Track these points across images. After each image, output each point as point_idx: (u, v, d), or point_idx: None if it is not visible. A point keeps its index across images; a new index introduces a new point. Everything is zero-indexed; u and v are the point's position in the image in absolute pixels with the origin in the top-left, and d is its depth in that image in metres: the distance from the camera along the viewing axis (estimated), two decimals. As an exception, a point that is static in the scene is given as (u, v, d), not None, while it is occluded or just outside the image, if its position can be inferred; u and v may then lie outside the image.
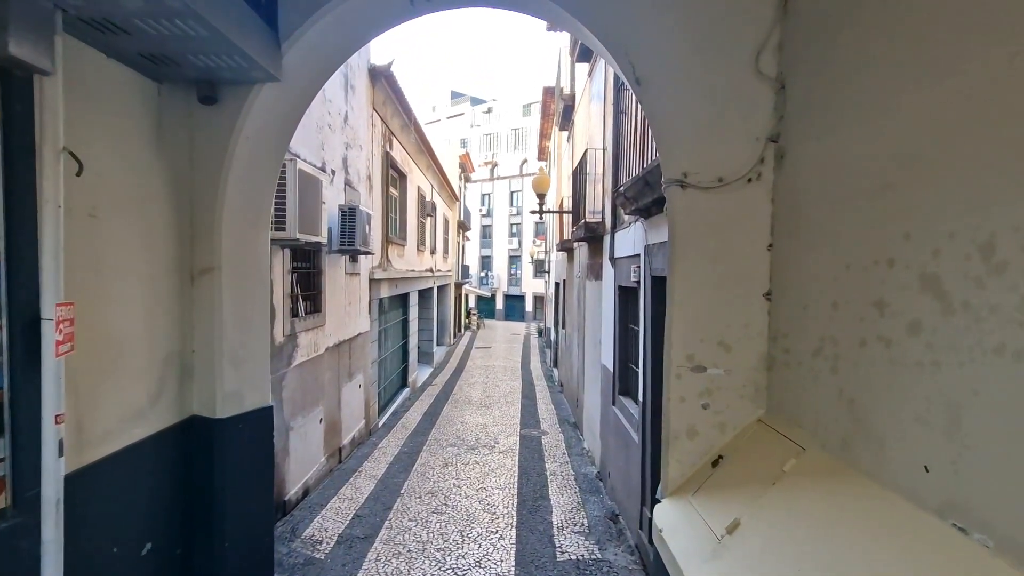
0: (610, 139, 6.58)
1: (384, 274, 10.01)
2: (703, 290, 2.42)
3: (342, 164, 7.48)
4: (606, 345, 6.83)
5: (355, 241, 6.82)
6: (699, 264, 2.43)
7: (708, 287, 2.42)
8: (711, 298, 2.42)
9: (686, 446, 2.47)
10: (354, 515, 5.62)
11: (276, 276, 5.35)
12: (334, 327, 7.18)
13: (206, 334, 3.76)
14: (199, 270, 3.75)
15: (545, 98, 17.89)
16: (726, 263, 2.40)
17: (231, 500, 3.88)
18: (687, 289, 2.43)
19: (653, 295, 4.49)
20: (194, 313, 3.76)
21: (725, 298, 2.41)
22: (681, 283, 2.44)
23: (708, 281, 2.42)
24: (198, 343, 3.78)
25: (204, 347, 3.76)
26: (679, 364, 2.46)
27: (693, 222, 2.42)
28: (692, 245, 2.42)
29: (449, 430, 9.33)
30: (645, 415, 4.72)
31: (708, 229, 2.41)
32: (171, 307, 3.58)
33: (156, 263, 3.43)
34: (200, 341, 3.77)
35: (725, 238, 2.40)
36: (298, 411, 5.98)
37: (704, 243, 2.41)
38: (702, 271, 2.42)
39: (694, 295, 2.43)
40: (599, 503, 6.17)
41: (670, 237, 2.47)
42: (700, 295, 2.43)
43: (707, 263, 2.42)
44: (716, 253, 2.41)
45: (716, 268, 2.41)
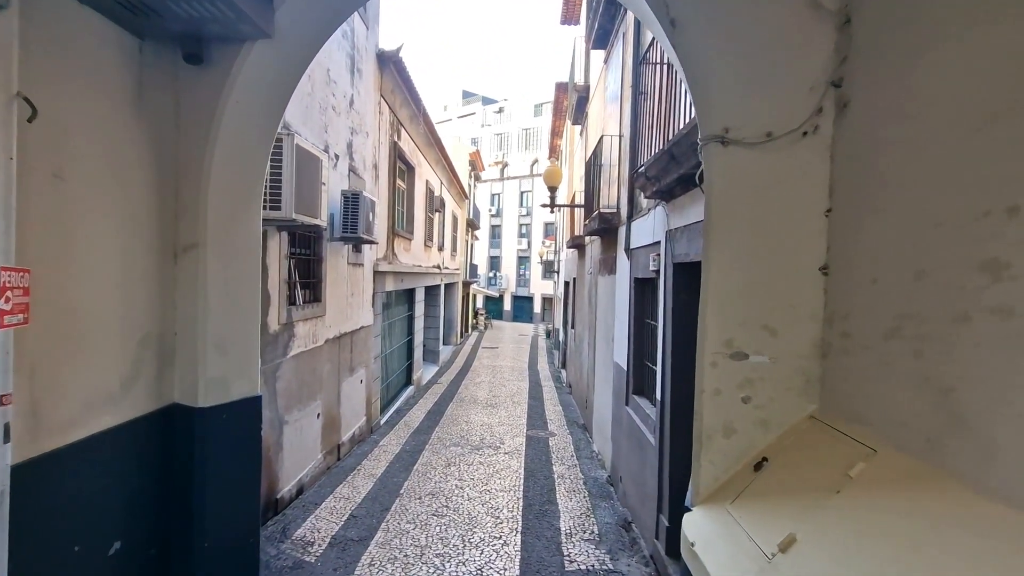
0: (627, 124, 6.24)
1: (389, 267, 9.71)
2: (745, 264, 2.08)
3: (346, 149, 7.19)
4: (619, 342, 6.47)
5: (358, 228, 6.52)
6: (741, 234, 2.08)
7: (751, 261, 2.08)
8: (754, 274, 2.08)
9: (722, 446, 2.13)
10: (349, 515, 5.30)
11: (272, 260, 5.06)
12: (335, 318, 6.88)
13: (189, 316, 3.47)
14: (183, 246, 3.46)
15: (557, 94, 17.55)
16: (773, 233, 2.06)
17: (213, 497, 3.57)
18: (726, 263, 2.09)
19: (675, 284, 4.14)
20: (176, 292, 3.46)
21: (771, 274, 2.06)
22: (719, 257, 2.10)
23: (751, 254, 2.08)
24: (180, 325, 3.48)
25: (187, 330, 3.47)
26: (715, 351, 2.11)
27: (735, 185, 2.08)
28: (733, 212, 2.08)
29: (453, 429, 9.00)
30: (663, 415, 4.36)
31: (752, 193, 2.07)
32: (150, 284, 3.28)
33: (134, 236, 3.13)
34: (183, 323, 3.47)
35: (773, 203, 2.05)
36: (294, 404, 5.68)
37: (747, 209, 2.07)
38: (744, 242, 2.08)
39: (734, 270, 2.09)
40: (610, 509, 5.81)
41: (707, 205, 2.13)
42: (741, 270, 2.08)
43: (750, 233, 2.08)
44: (761, 221, 2.07)
45: (761, 239, 2.07)
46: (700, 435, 2.15)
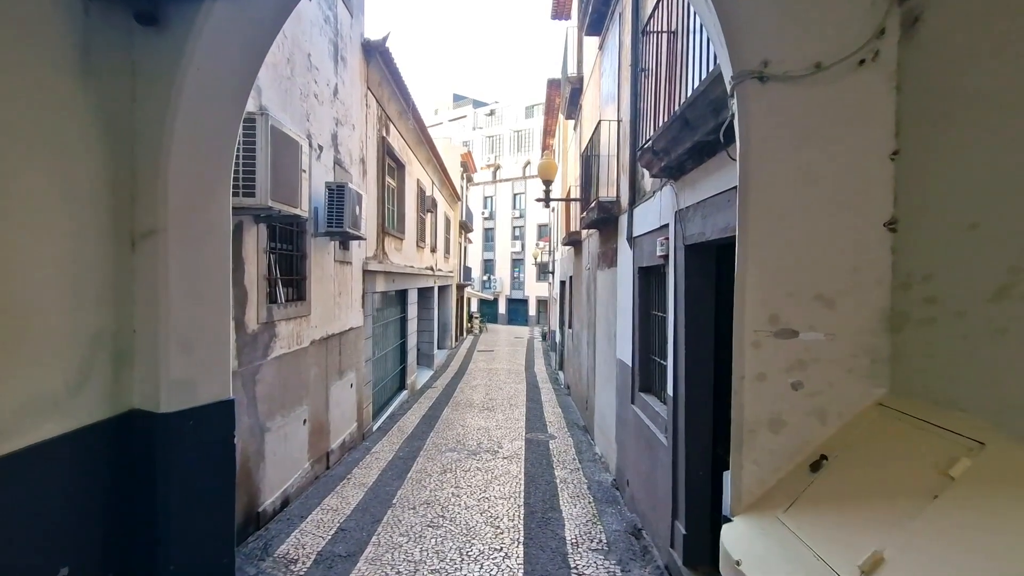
0: (626, 108, 5.91)
1: (380, 266, 9.34)
2: (792, 224, 1.74)
3: (331, 141, 6.82)
4: (623, 338, 6.12)
5: (344, 222, 6.15)
6: (786, 188, 1.74)
7: (800, 219, 1.73)
8: (804, 234, 1.73)
9: (768, 442, 1.78)
10: (338, 529, 4.90)
11: (248, 253, 4.68)
12: (321, 319, 6.50)
13: (149, 310, 3.08)
14: (141, 232, 3.07)
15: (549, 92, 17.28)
16: (825, 183, 1.72)
17: (179, 514, 3.18)
18: (769, 224, 1.75)
19: (687, 268, 3.79)
20: (135, 284, 3.08)
21: (826, 233, 1.72)
22: (761, 217, 1.75)
23: (800, 210, 1.73)
24: (139, 321, 3.09)
25: (147, 326, 3.08)
26: (757, 328, 1.77)
27: (777, 130, 1.73)
28: (776, 163, 1.74)
29: (449, 434, 8.61)
30: (676, 412, 4.01)
31: (799, 138, 1.72)
32: (103, 275, 2.90)
33: (83, 219, 2.75)
34: (142, 319, 3.09)
35: (825, 148, 1.71)
36: (277, 410, 5.28)
37: (793, 157, 1.73)
38: (791, 197, 1.74)
39: (780, 232, 1.74)
40: (617, 515, 5.44)
41: (742, 157, 1.79)
42: (788, 231, 1.74)
43: (797, 185, 1.73)
44: (810, 170, 1.72)
45: (810, 191, 1.72)
46: (741, 430, 1.80)
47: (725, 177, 2.99)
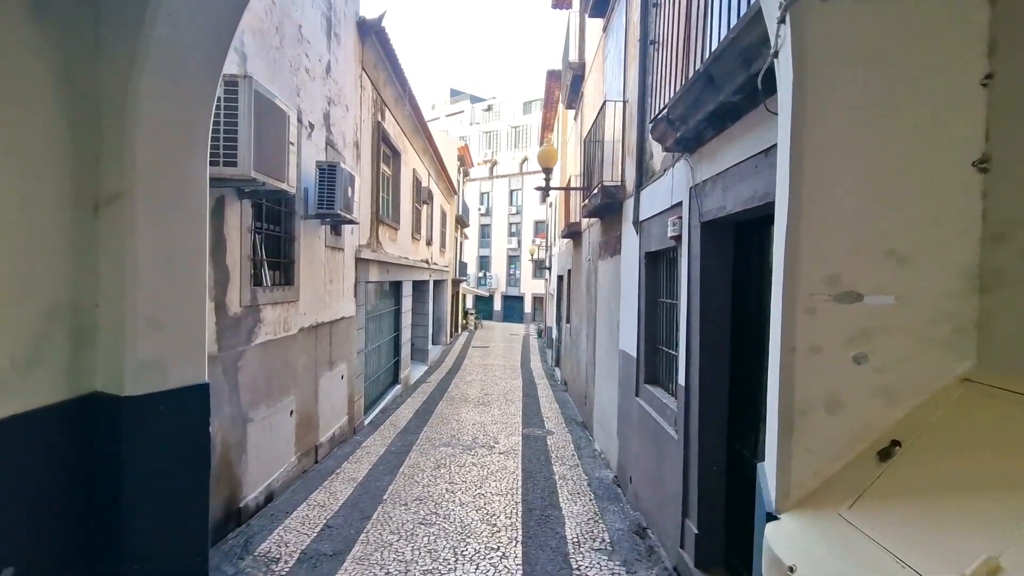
0: (633, 87, 5.64)
1: (373, 255, 9.03)
2: (858, 166, 1.46)
3: (323, 120, 6.51)
4: (627, 328, 5.85)
5: (335, 204, 5.84)
6: (850, 124, 1.46)
7: (867, 160, 1.46)
8: (874, 178, 1.46)
9: (824, 427, 1.50)
10: (324, 526, 4.61)
11: (231, 231, 4.37)
12: (310, 306, 6.19)
13: (113, 283, 2.77)
14: (105, 196, 2.76)
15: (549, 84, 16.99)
16: (900, 117, 1.44)
17: (146, 508, 2.88)
18: (830, 167, 1.47)
19: (704, 247, 3.52)
20: (98, 254, 2.77)
21: (899, 175, 1.45)
22: (819, 160, 1.47)
23: (867, 150, 1.46)
24: (103, 295, 2.78)
25: (110, 301, 2.77)
26: (813, 291, 1.49)
27: (841, 54, 1.45)
28: (838, 93, 1.46)
29: (443, 429, 8.32)
30: (688, 404, 3.74)
31: (868, 62, 1.45)
32: (61, 243, 2.59)
33: (36, 181, 2.44)
34: (106, 292, 2.78)
35: (899, 74, 1.43)
36: (261, 399, 4.98)
37: (860, 87, 1.45)
38: (856, 135, 1.46)
39: (842, 176, 1.47)
40: (620, 513, 5.17)
41: (796, 89, 1.51)
42: (853, 174, 1.46)
43: (865, 120, 1.45)
44: (882, 102, 1.45)
45: (882, 127, 1.45)
46: (790, 412, 1.52)
47: (752, 141, 2.72)
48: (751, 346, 3.33)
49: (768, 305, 3.15)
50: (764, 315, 3.16)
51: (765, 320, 3.15)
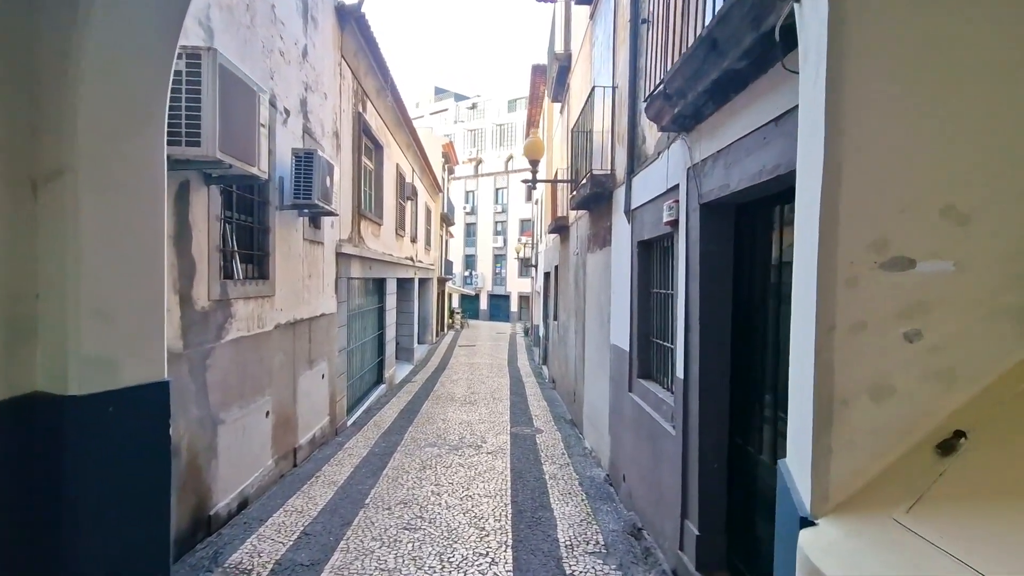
0: (623, 72, 5.43)
1: (355, 251, 8.73)
2: (904, 109, 1.24)
3: (299, 106, 6.21)
4: (618, 321, 5.65)
5: (312, 194, 5.55)
6: (900, 63, 1.25)
7: (916, 101, 1.24)
8: (924, 122, 1.24)
9: (869, 416, 1.29)
10: (301, 533, 4.33)
11: (197, 219, 4.07)
12: (287, 301, 5.89)
13: (55, 270, 2.47)
14: (45, 173, 2.46)
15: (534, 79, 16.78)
16: (959, 51, 1.23)
17: (95, 519, 2.59)
18: (877, 114, 1.26)
19: (703, 231, 3.31)
20: (37, 238, 2.48)
21: (958, 120, 1.23)
22: (863, 106, 1.26)
23: (915, 89, 1.24)
24: (44, 284, 2.48)
25: (52, 290, 2.48)
26: (854, 259, 1.27)
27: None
28: (885, 28, 1.25)
29: (429, 428, 8.06)
30: (687, 398, 3.53)
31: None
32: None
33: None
34: (47, 281, 2.48)
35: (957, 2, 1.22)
36: (233, 400, 4.68)
37: (906, 16, 1.23)
38: (902, 72, 1.25)
39: (891, 123, 1.25)
40: (613, 513, 4.96)
41: (832, 23, 1.28)
42: (898, 120, 1.25)
43: (917, 57, 1.24)
44: (933, 32, 1.23)
45: (937, 63, 1.23)
46: (828, 401, 1.30)
47: (760, 110, 2.51)
48: (755, 335, 3.13)
49: (777, 289, 2.95)
50: (770, 301, 2.96)
51: (771, 306, 2.95)
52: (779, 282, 2.85)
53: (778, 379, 2.82)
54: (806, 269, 1.41)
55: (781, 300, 2.83)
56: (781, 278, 2.83)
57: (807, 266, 1.40)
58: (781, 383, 2.80)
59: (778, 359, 2.83)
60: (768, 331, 2.97)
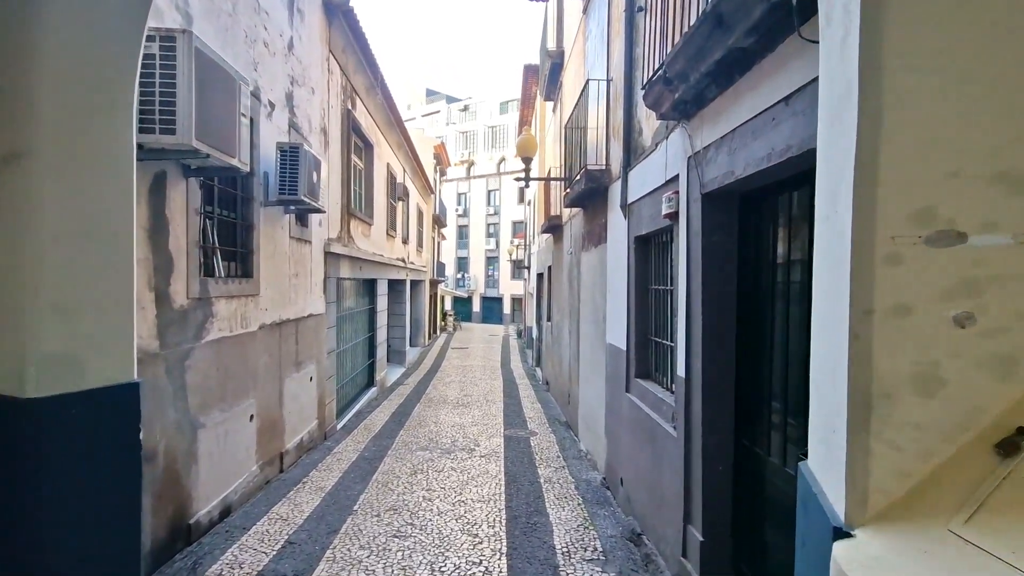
0: (618, 64, 5.29)
1: (345, 250, 8.53)
2: (953, 61, 1.10)
3: (285, 100, 6.02)
4: (615, 320, 5.50)
5: (298, 189, 5.37)
6: (939, 7, 1.10)
7: (966, 52, 1.09)
8: (974, 75, 1.10)
9: (914, 412, 1.13)
10: (286, 542, 4.13)
11: (174, 213, 3.88)
12: (273, 301, 5.70)
13: (11, 261, 2.30)
14: (2, 155, 2.30)
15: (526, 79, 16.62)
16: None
17: (58, 535, 2.40)
18: (919, 67, 1.10)
19: (704, 223, 3.16)
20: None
21: (1012, 73, 1.08)
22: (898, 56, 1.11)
23: (965, 38, 1.09)
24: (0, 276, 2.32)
25: (8, 282, 2.30)
26: (895, 233, 1.12)
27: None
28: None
29: (421, 432, 7.86)
30: (690, 398, 3.38)
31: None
32: (-60, 211, 2.12)
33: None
34: (3, 272, 2.32)
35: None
36: (215, 403, 4.48)
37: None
38: (949, 21, 1.10)
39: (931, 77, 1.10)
40: (611, 518, 4.80)
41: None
42: (944, 73, 1.10)
43: (964, 3, 1.09)
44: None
45: (984, 5, 1.08)
46: (865, 396, 1.15)
47: (768, 91, 2.37)
48: (763, 329, 2.98)
49: (786, 280, 2.80)
50: (777, 294, 2.81)
51: (779, 299, 2.80)
52: (788, 273, 2.71)
53: (789, 376, 2.68)
54: (834, 247, 1.26)
55: (790, 291, 2.68)
56: (790, 269, 2.69)
57: (836, 244, 1.25)
58: (793, 381, 2.65)
59: (787, 355, 2.69)
60: (777, 325, 2.83)
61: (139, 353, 3.51)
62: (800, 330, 2.55)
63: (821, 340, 1.39)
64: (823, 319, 1.36)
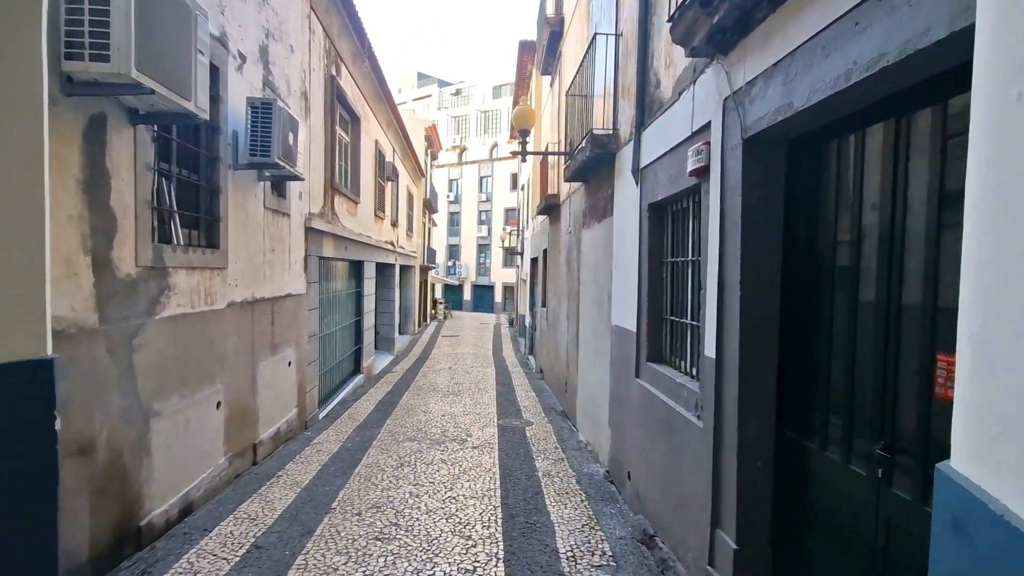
0: (631, 12, 4.75)
1: (329, 227, 7.96)
2: None
3: (259, 53, 5.43)
4: (621, 300, 5.00)
5: (271, 150, 4.80)
6: None
7: None
8: None
9: None
10: (252, 546, 3.62)
11: (117, 165, 3.31)
12: (245, 276, 5.14)
13: None
14: None
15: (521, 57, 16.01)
16: None
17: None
18: None
19: (746, 175, 2.66)
20: None
21: None
22: None
23: None
24: None
25: None
26: None
27: None
28: None
29: (409, 421, 7.37)
30: (721, 381, 2.90)
31: None
32: None
33: None
34: None
35: None
36: (173, 388, 3.94)
37: None
38: None
39: None
40: (618, 516, 4.34)
41: None
42: None
43: None
44: None
45: None
46: None
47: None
48: (816, 299, 2.50)
49: (856, 234, 2.28)
50: (838, 254, 2.33)
51: (840, 260, 2.32)
52: (859, 225, 2.21)
53: (855, 352, 2.19)
54: None
55: (862, 250, 2.19)
56: (861, 217, 2.19)
57: None
58: (862, 357, 2.17)
59: (855, 326, 2.20)
60: (837, 293, 2.35)
61: (71, 327, 2.96)
62: (882, 294, 2.07)
63: (970, 291, 0.89)
64: (974, 263, 0.86)
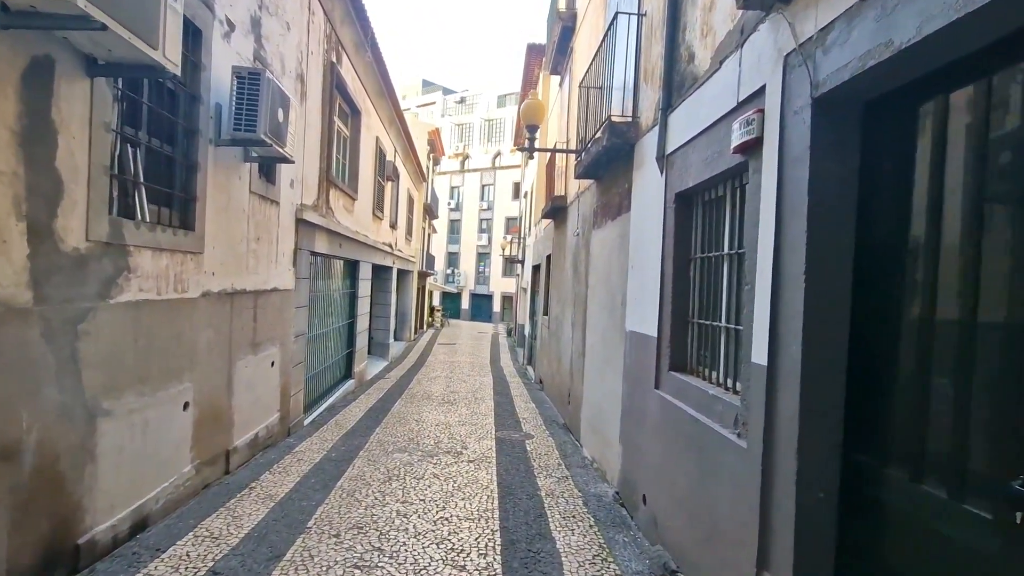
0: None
1: (322, 221, 7.49)
2: None
3: (250, 24, 4.99)
4: (639, 303, 4.53)
5: (257, 126, 4.33)
6: None
7: None
8: None
9: None
10: (209, 571, 3.10)
11: (67, 120, 2.84)
12: (224, 265, 4.65)
13: None
14: None
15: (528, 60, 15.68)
16: None
17: None
18: None
19: (816, 142, 2.20)
20: None
21: None
22: None
23: None
24: None
25: None
26: None
27: None
28: None
29: (399, 430, 6.84)
30: (775, 394, 2.41)
31: None
32: None
33: None
34: None
35: None
36: (129, 384, 3.44)
37: None
38: None
39: None
40: (633, 545, 3.82)
41: None
42: None
43: None
44: None
45: None
46: None
47: None
48: (900, 296, 2.02)
49: (969, 218, 1.77)
50: (932, 236, 1.85)
51: (939, 241, 1.83)
52: (970, 199, 1.74)
53: (975, 355, 1.71)
54: None
55: (973, 227, 1.72)
56: (973, 188, 1.72)
57: None
58: (983, 364, 1.69)
59: (973, 315, 1.72)
60: (932, 284, 1.87)
61: (-5, 305, 2.48)
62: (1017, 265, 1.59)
63: None
64: None
